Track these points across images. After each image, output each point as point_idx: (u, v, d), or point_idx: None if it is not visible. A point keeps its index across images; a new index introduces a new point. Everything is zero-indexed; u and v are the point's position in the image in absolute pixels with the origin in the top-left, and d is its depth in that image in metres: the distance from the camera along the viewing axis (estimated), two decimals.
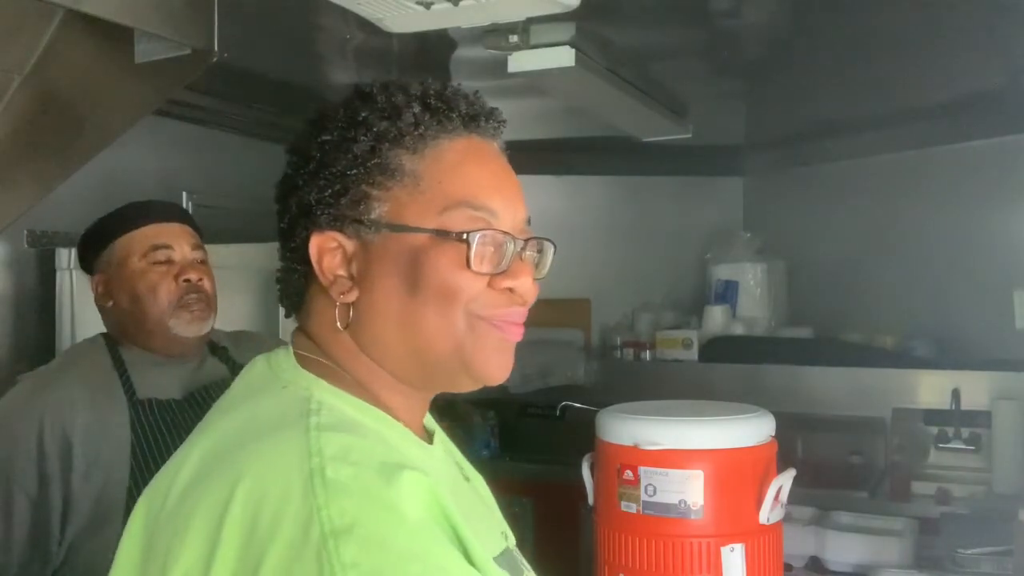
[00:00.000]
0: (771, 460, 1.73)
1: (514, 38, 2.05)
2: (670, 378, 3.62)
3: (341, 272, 0.92)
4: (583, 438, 1.93)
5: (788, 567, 2.12)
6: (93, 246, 1.85)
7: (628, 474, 1.67)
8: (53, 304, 2.29)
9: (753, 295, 3.81)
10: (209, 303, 1.85)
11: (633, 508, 1.66)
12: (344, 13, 1.80)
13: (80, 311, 2.27)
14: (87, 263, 1.87)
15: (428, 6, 1.75)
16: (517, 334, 0.95)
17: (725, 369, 3.50)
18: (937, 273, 3.39)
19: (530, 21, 2.01)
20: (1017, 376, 2.98)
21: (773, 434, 1.76)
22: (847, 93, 2.94)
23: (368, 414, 0.90)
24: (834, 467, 3.11)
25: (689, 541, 1.63)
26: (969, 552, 2.28)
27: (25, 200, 1.90)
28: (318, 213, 0.92)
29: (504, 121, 1.02)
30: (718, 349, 3.62)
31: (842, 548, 2.39)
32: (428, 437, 1.01)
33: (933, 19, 2.15)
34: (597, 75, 2.33)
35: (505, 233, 0.93)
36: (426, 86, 0.95)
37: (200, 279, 1.82)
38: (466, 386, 0.96)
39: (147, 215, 1.82)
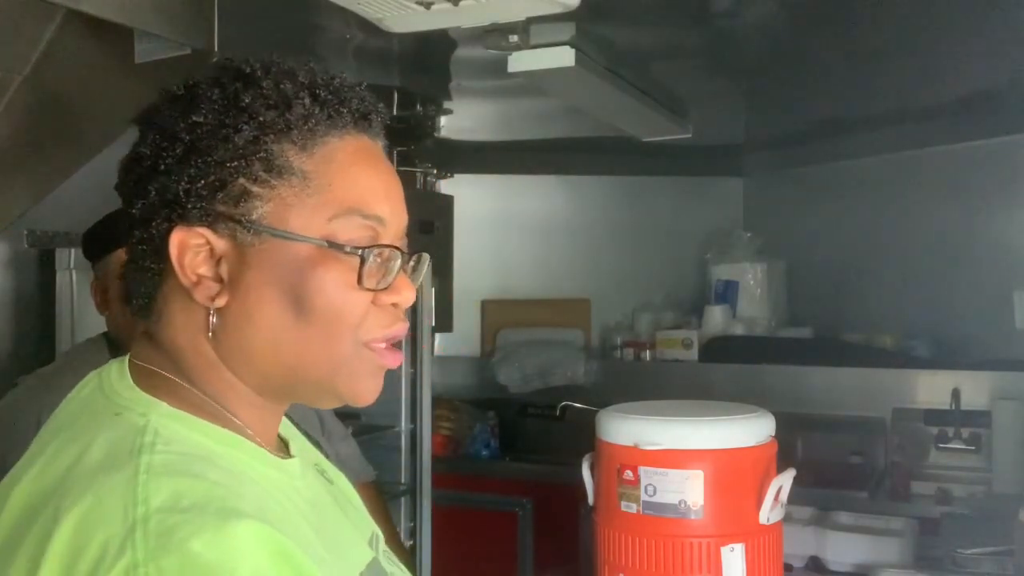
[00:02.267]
0: (771, 460, 1.73)
1: (514, 38, 2.05)
2: (670, 378, 3.62)
3: (205, 272, 0.81)
4: (583, 438, 1.93)
5: (788, 567, 2.12)
6: (95, 249, 1.83)
7: (628, 474, 1.67)
8: (53, 304, 2.29)
9: (753, 295, 3.81)
10: None
11: (633, 508, 1.66)
12: (344, 13, 1.80)
13: (80, 311, 2.27)
14: (89, 260, 1.85)
15: (428, 6, 1.75)
16: (396, 361, 0.88)
17: (725, 369, 3.50)
18: (937, 273, 3.39)
19: (530, 21, 2.01)
20: (1017, 376, 2.98)
21: (773, 434, 1.75)
22: (847, 93, 2.95)
23: (215, 437, 0.81)
24: (834, 467, 3.11)
25: (689, 541, 1.63)
26: (969, 552, 2.28)
27: (25, 200, 1.91)
28: (187, 206, 0.80)
29: (386, 119, 0.91)
30: (718, 349, 3.62)
31: (842, 548, 2.38)
32: (284, 447, 0.93)
33: (933, 19, 2.15)
34: (597, 75, 2.33)
35: (395, 248, 0.85)
36: (313, 74, 0.85)
37: None
38: (328, 405, 0.90)
39: None
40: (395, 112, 2.90)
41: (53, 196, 1.89)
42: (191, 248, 0.81)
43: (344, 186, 0.83)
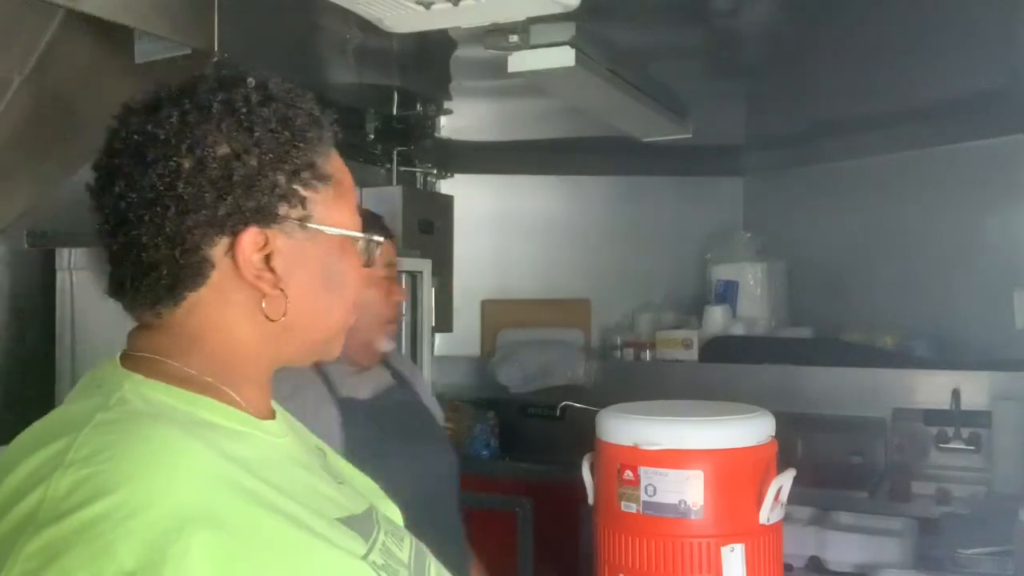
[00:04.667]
0: (771, 460, 1.72)
1: (514, 38, 2.05)
2: (670, 378, 3.62)
3: (262, 266, 0.93)
4: (583, 438, 1.93)
5: (788, 567, 2.12)
6: None
7: (628, 474, 1.67)
8: (53, 304, 2.29)
9: (753, 295, 3.81)
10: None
11: (633, 508, 1.66)
12: (344, 13, 1.80)
13: (80, 311, 2.27)
14: None
15: (428, 6, 1.75)
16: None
17: (725, 369, 3.50)
18: (937, 273, 3.39)
19: (530, 21, 2.01)
20: (1017, 376, 2.98)
21: (773, 434, 1.75)
22: (847, 93, 2.95)
23: (179, 397, 0.91)
24: (834, 467, 3.11)
25: (689, 541, 1.63)
26: (969, 552, 2.28)
27: (25, 200, 1.91)
28: (256, 214, 0.92)
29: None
30: (718, 349, 3.62)
31: (842, 548, 2.38)
32: (271, 414, 1.03)
33: (932, 19, 2.15)
34: (597, 75, 2.33)
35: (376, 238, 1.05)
36: (305, 91, 1.00)
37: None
38: (315, 359, 1.08)
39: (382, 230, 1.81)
40: (395, 112, 2.90)
41: (53, 196, 1.89)
42: (254, 248, 0.92)
43: (346, 185, 1.01)
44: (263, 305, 0.94)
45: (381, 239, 1.07)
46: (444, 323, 3.62)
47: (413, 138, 3.39)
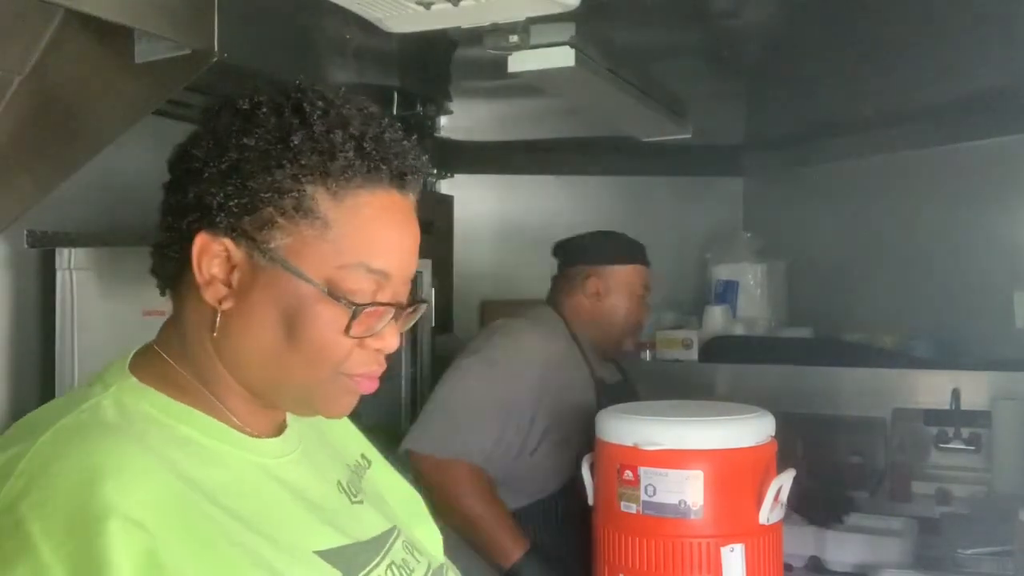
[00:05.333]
0: (771, 460, 1.73)
1: (514, 38, 2.05)
2: (670, 378, 3.62)
3: (218, 275, 0.89)
4: None
5: (788, 567, 2.12)
6: (612, 256, 2.48)
7: (628, 474, 1.67)
8: (53, 304, 2.29)
9: (753, 295, 3.81)
10: None
11: (633, 508, 1.66)
12: (344, 13, 1.80)
13: (80, 311, 2.27)
14: (588, 257, 2.47)
15: (428, 6, 1.75)
16: (371, 388, 0.95)
17: (725, 369, 3.49)
18: (937, 273, 3.39)
19: (530, 21, 2.01)
20: (1017, 376, 2.97)
21: (773, 434, 1.76)
22: (847, 93, 2.94)
23: (163, 408, 0.89)
24: (834, 467, 3.10)
25: (689, 541, 1.63)
26: (969, 552, 2.28)
27: (25, 200, 1.91)
28: (217, 217, 0.88)
29: (427, 175, 0.99)
30: (718, 349, 3.62)
31: (842, 548, 2.38)
32: (276, 431, 0.99)
33: (932, 19, 2.15)
34: (597, 75, 2.33)
35: (388, 306, 0.92)
36: (366, 126, 0.91)
37: None
38: (304, 415, 0.99)
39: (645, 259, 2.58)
40: (395, 112, 2.90)
41: (53, 196, 1.89)
42: (211, 252, 0.88)
43: (360, 238, 0.89)
44: (217, 319, 0.90)
45: (391, 306, 0.92)
46: (444, 323, 3.62)
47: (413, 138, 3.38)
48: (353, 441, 1.14)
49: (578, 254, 2.49)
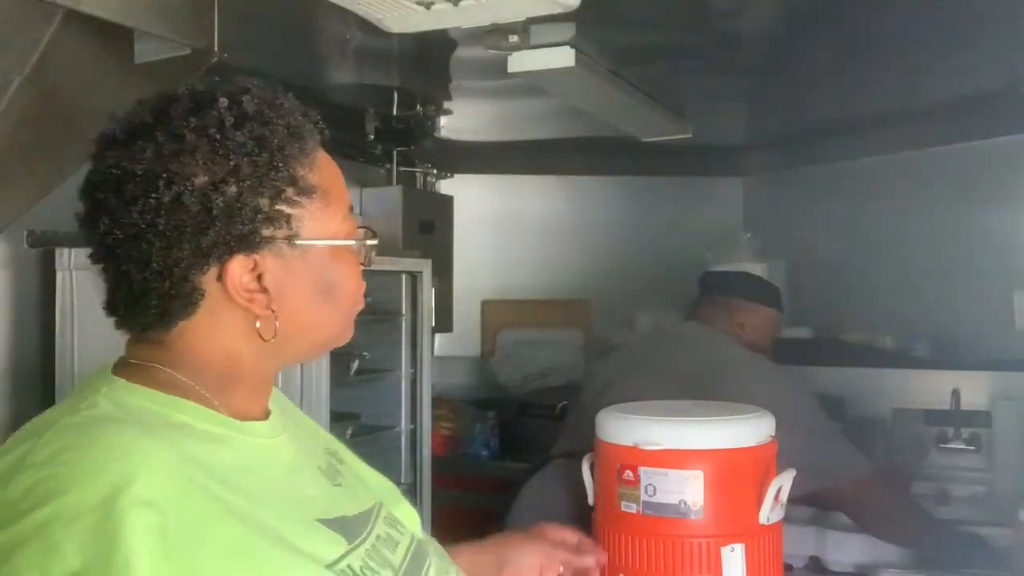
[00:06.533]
0: (771, 460, 1.72)
1: (514, 38, 2.05)
2: None
3: (255, 288, 0.94)
4: None
5: (788, 567, 2.11)
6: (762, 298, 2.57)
7: (628, 474, 1.67)
8: (53, 304, 2.29)
9: None
10: None
11: (633, 508, 1.66)
12: (344, 13, 1.80)
13: (80, 311, 2.27)
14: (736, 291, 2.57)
15: (428, 6, 1.75)
16: (362, 304, 1.07)
17: None
18: (937, 273, 3.39)
19: (530, 21, 2.01)
20: (1017, 376, 2.97)
21: (773, 434, 1.75)
22: (847, 93, 2.94)
23: (154, 400, 0.91)
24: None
25: (689, 541, 1.63)
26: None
27: (25, 200, 1.91)
28: (240, 242, 0.91)
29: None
30: None
31: (842, 548, 2.38)
32: (263, 415, 1.03)
33: (932, 19, 2.15)
34: (597, 75, 2.33)
35: (369, 230, 1.05)
36: (287, 96, 0.99)
37: None
38: (318, 356, 1.14)
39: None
40: (395, 112, 2.90)
41: (53, 196, 1.89)
42: (243, 273, 0.93)
43: (335, 189, 1.00)
44: (257, 325, 0.95)
45: (375, 239, 1.06)
46: (444, 323, 3.62)
47: (413, 138, 3.39)
48: (321, 432, 1.20)
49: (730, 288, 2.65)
